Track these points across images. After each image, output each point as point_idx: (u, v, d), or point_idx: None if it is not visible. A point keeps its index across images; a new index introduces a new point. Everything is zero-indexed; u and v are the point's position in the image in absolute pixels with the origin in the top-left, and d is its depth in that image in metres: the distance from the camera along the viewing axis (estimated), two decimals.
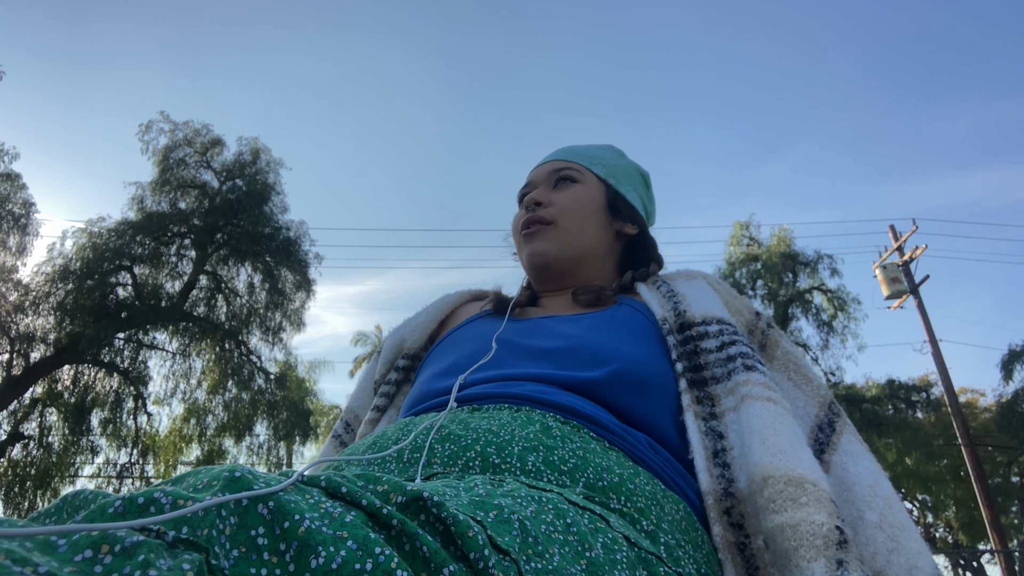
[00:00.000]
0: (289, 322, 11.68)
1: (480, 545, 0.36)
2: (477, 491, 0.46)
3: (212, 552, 0.31)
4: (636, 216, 1.03)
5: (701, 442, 0.71)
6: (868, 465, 0.71)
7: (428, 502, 0.38)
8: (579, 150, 1.06)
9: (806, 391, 0.80)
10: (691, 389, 0.76)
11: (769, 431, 0.66)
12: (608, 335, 0.81)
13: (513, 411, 0.67)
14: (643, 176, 1.10)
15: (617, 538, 0.48)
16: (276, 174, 11.80)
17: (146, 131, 11.41)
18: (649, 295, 0.91)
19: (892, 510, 0.66)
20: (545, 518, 0.46)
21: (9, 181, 10.36)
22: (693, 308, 0.85)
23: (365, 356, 22.05)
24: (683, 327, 0.83)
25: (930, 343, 12.96)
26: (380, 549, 0.33)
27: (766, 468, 0.61)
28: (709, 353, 0.78)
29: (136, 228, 10.61)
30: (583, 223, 0.98)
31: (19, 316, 9.83)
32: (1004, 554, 11.64)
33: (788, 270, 14.53)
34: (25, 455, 10.23)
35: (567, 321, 0.88)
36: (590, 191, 1.00)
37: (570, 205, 0.98)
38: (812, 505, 0.57)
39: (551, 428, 0.64)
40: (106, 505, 0.32)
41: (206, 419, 11.31)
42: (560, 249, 0.96)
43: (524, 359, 0.80)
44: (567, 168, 1.02)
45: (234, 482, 0.35)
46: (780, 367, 0.83)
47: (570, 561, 0.43)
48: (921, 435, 14.52)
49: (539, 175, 1.03)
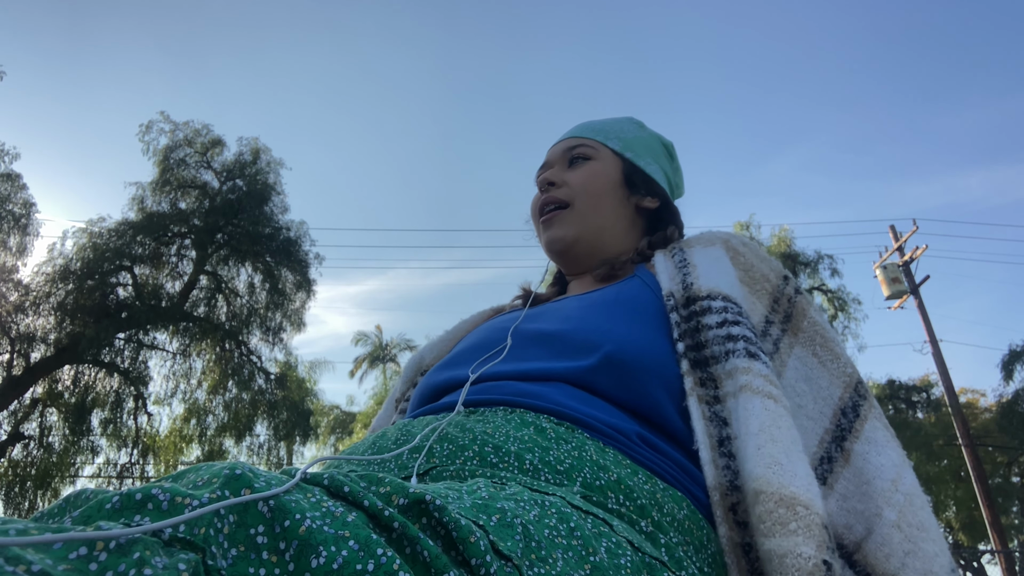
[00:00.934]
0: (289, 322, 11.68)
1: (482, 551, 0.36)
2: (480, 494, 0.46)
3: (209, 552, 0.30)
4: (656, 188, 1.00)
5: (705, 430, 0.66)
6: (892, 456, 0.68)
7: (430, 505, 0.37)
8: (595, 125, 1.03)
9: (831, 369, 0.76)
10: (693, 371, 0.71)
11: (766, 436, 0.61)
12: (606, 316, 0.78)
13: (507, 413, 0.66)
14: (666, 146, 1.05)
15: (621, 542, 0.48)
16: (276, 174, 11.81)
17: (146, 131, 11.42)
18: (662, 265, 0.87)
19: (913, 507, 0.63)
20: (548, 522, 0.45)
21: (9, 181, 10.36)
22: (701, 280, 0.79)
23: (365, 356, 22.04)
24: (688, 301, 0.78)
25: (930, 343, 12.95)
26: (382, 550, 0.33)
27: (758, 481, 0.58)
28: (709, 329, 0.73)
29: (136, 228, 10.61)
30: (599, 201, 0.95)
31: (19, 316, 9.83)
32: (1004, 554, 11.63)
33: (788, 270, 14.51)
34: (25, 455, 10.22)
35: (576, 300, 0.86)
36: (605, 167, 0.97)
37: (585, 184, 0.95)
38: (801, 534, 0.53)
39: (545, 430, 0.63)
40: (103, 501, 0.32)
41: (206, 419, 11.30)
42: (578, 232, 0.94)
43: (524, 349, 0.79)
44: (581, 145, 0.99)
45: (234, 479, 0.34)
46: (806, 340, 0.78)
47: (573, 566, 0.42)
48: (921, 435, 14.51)
49: (554, 154, 1.01)
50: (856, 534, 0.65)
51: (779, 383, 0.70)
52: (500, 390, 0.71)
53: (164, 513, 0.31)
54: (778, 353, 0.77)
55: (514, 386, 0.71)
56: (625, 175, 0.98)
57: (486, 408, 0.68)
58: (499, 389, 0.72)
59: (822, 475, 0.68)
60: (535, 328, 0.81)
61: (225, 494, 0.33)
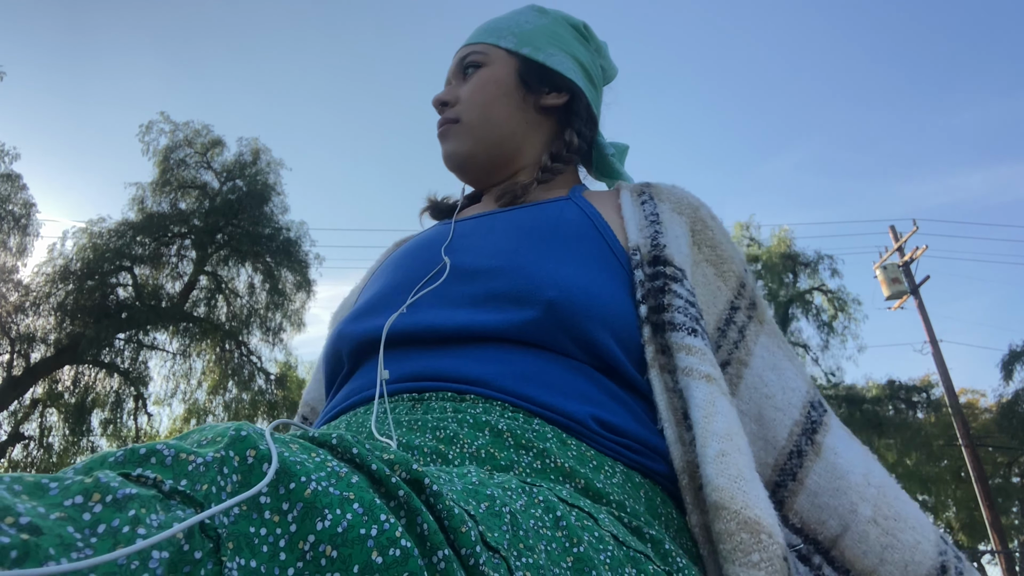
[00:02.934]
0: (289, 322, 11.69)
1: (472, 541, 0.36)
2: (470, 479, 0.45)
3: (208, 508, 0.30)
4: (562, 81, 0.88)
5: (669, 404, 0.63)
6: (858, 449, 0.68)
7: (428, 489, 0.37)
8: (488, 26, 0.93)
9: (796, 364, 0.74)
10: (655, 337, 0.66)
11: (731, 445, 0.57)
12: (543, 250, 0.71)
13: (456, 410, 0.59)
14: (575, 27, 0.93)
15: (604, 536, 0.47)
16: (276, 174, 11.81)
17: (146, 132, 11.42)
18: (630, 211, 0.78)
19: (887, 498, 0.63)
20: (534, 512, 0.45)
21: (10, 182, 10.36)
22: (671, 248, 0.72)
23: None
24: (656, 261, 0.71)
25: (930, 343, 12.95)
26: (385, 516, 0.32)
27: (721, 494, 0.54)
28: (677, 296, 0.67)
29: (136, 228, 10.61)
30: (489, 110, 0.86)
31: (19, 316, 9.84)
32: (1005, 555, 11.63)
33: (788, 271, 14.53)
34: (25, 455, 10.23)
35: (504, 220, 0.79)
36: (495, 72, 0.88)
37: (471, 96, 0.87)
38: (764, 568, 0.51)
39: (502, 433, 0.57)
40: (108, 454, 0.31)
41: (206, 419, 11.28)
42: (470, 146, 0.87)
43: (449, 286, 0.71)
44: (471, 53, 0.89)
45: (240, 440, 0.34)
46: (771, 331, 0.76)
47: (556, 558, 0.42)
48: (922, 436, 14.51)
49: (451, 71, 0.92)
50: (831, 530, 0.64)
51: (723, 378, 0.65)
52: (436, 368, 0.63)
53: (167, 468, 0.31)
54: (743, 341, 0.73)
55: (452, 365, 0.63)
56: (520, 75, 0.87)
57: (431, 398, 0.61)
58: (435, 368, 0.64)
59: (792, 470, 0.66)
60: (470, 263, 0.73)
61: (230, 454, 0.33)
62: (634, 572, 0.46)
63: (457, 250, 0.76)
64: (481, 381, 0.62)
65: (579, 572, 0.42)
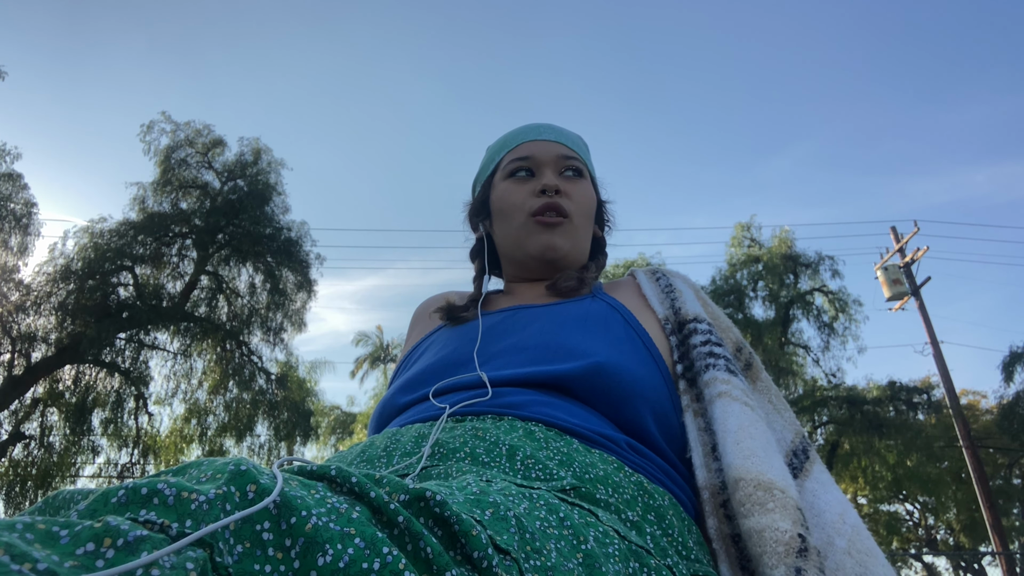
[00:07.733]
0: (290, 322, 11.68)
1: (483, 544, 0.36)
2: (471, 489, 0.46)
3: (216, 548, 0.30)
4: (603, 216, 1.05)
5: (699, 439, 0.73)
6: (836, 494, 0.73)
7: (431, 501, 0.37)
8: (576, 141, 1.01)
9: (785, 417, 0.81)
10: (691, 389, 0.77)
11: (744, 433, 0.67)
12: (583, 334, 0.79)
13: (496, 420, 0.68)
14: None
15: (608, 531, 0.49)
16: (277, 174, 11.80)
17: (148, 131, 11.41)
18: (649, 289, 0.91)
19: (860, 537, 0.68)
20: (538, 514, 0.46)
21: (11, 181, 10.36)
22: (688, 306, 0.86)
23: (366, 356, 22.03)
24: (680, 326, 0.84)
25: (931, 345, 12.95)
26: (388, 549, 0.33)
27: (738, 470, 0.63)
28: (695, 348, 0.80)
29: (137, 228, 10.61)
30: (587, 223, 0.96)
31: (20, 316, 9.84)
32: (1005, 556, 11.61)
33: (789, 271, 14.51)
34: (26, 455, 10.22)
35: (540, 312, 0.87)
36: (590, 191, 0.98)
37: (582, 203, 0.95)
38: (778, 512, 0.58)
39: (534, 432, 0.65)
40: (109, 494, 0.31)
41: (207, 419, 11.30)
42: (571, 246, 0.93)
43: (497, 359, 0.79)
44: (575, 160, 0.96)
45: (239, 475, 0.34)
46: (763, 389, 0.84)
47: (567, 556, 0.43)
48: (922, 437, 14.47)
49: (545, 155, 0.95)
50: None
51: (755, 400, 0.75)
52: (485, 399, 0.72)
53: (171, 508, 0.31)
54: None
55: (497, 395, 0.72)
56: (598, 203, 1.02)
57: (473, 417, 0.70)
58: (483, 397, 0.72)
59: None
60: (506, 344, 0.81)
61: (231, 490, 0.33)
62: (637, 565, 0.48)
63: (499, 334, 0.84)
64: (519, 405, 0.70)
65: (589, 568, 0.43)
